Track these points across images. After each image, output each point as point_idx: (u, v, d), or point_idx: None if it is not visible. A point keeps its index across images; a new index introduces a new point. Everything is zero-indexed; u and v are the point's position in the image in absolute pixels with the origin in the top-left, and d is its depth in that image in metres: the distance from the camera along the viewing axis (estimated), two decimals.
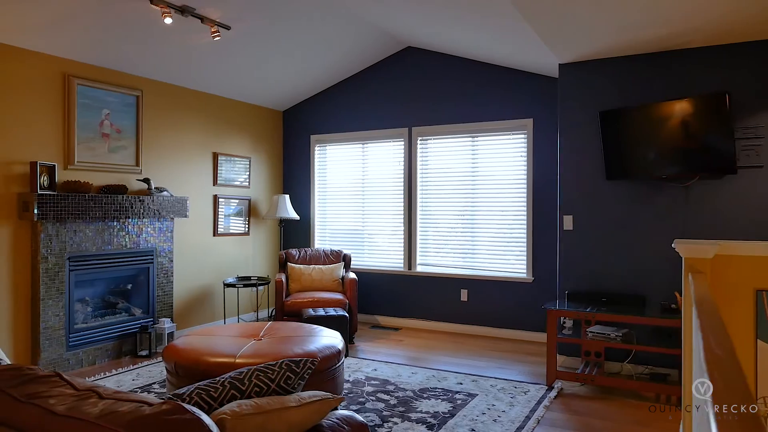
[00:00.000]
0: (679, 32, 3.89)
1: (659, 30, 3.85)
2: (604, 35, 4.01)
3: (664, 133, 4.11)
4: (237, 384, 1.74)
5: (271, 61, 5.56)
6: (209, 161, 5.97)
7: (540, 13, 3.60)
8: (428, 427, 3.34)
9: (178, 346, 3.40)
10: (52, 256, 4.37)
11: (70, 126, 4.58)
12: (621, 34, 3.98)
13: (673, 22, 3.72)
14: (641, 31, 3.90)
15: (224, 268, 6.15)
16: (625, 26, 3.83)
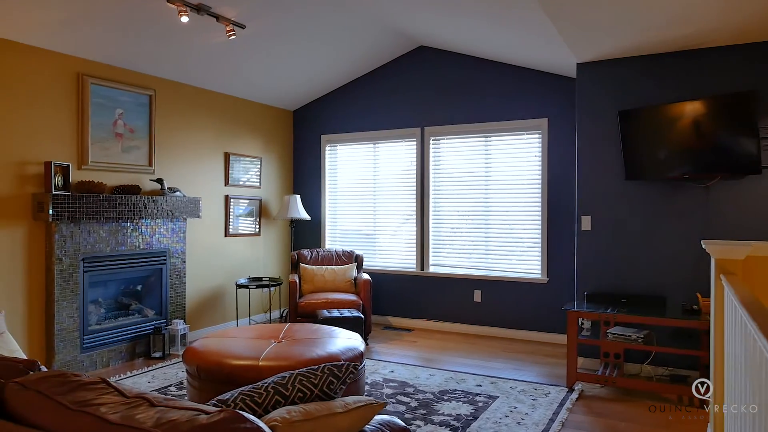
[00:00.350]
0: (698, 32, 3.85)
1: (680, 30, 3.81)
2: (626, 34, 3.97)
3: (686, 133, 4.08)
4: (281, 389, 1.70)
5: (282, 60, 5.52)
6: (221, 161, 5.93)
7: (564, 11, 3.56)
8: (452, 430, 3.31)
9: (199, 348, 3.35)
10: (66, 257, 4.33)
11: (84, 126, 4.54)
12: (642, 33, 3.94)
13: (693, 22, 3.68)
14: (662, 31, 3.87)
15: (235, 269, 6.11)
16: (648, 26, 3.79)
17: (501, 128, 5.73)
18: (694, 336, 4.14)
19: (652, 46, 4.18)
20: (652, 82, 4.37)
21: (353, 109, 6.55)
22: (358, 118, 6.52)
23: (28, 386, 1.38)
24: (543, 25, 4.13)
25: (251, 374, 3.04)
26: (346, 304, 5.32)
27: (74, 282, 4.38)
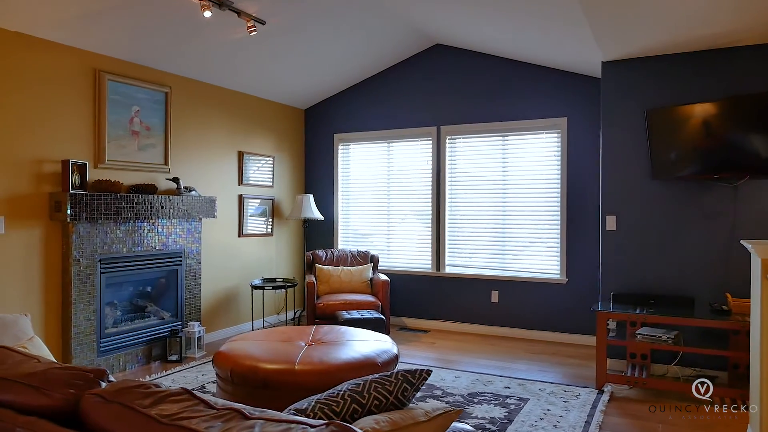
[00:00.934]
0: (728, 31, 3.81)
1: (709, 28, 3.77)
2: (656, 33, 3.92)
3: (716, 132, 4.04)
4: (357, 397, 1.63)
5: (295, 58, 5.43)
6: (234, 160, 5.83)
7: (602, 9, 3.50)
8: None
9: (230, 352, 3.26)
10: (84, 259, 4.22)
11: (101, 123, 4.43)
12: (671, 32, 3.90)
13: (723, 21, 3.64)
14: (692, 30, 3.82)
15: (249, 270, 6.01)
16: (678, 24, 3.74)
17: (519, 127, 5.67)
18: (723, 336, 4.11)
19: (680, 44, 4.14)
20: (678, 80, 4.33)
21: (367, 108, 6.47)
22: (372, 116, 6.44)
23: (109, 399, 1.30)
24: (570, 23, 4.08)
25: (288, 378, 2.96)
26: (365, 306, 5.24)
27: (91, 284, 4.27)
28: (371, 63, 6.10)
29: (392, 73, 6.30)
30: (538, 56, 5.38)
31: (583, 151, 5.37)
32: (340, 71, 6.09)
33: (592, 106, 5.32)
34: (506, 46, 5.41)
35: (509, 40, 5.22)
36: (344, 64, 5.94)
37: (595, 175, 5.31)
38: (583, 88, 5.36)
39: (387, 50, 5.88)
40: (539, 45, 5.07)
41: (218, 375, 3.25)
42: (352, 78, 6.36)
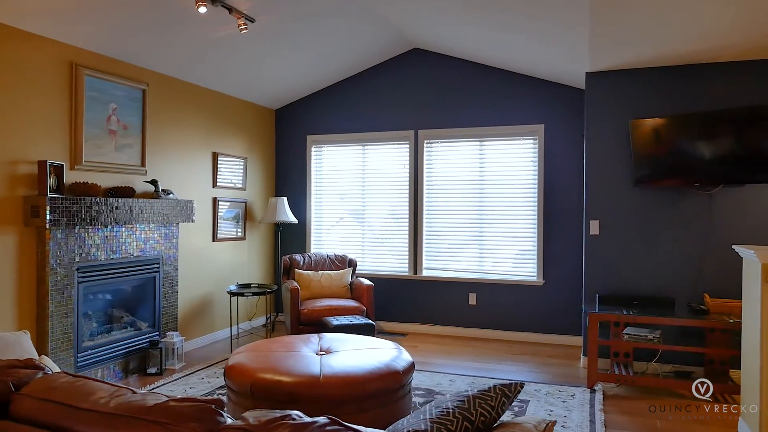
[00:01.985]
0: (713, 47, 4.07)
1: (697, 44, 4.01)
2: (646, 47, 4.12)
3: (694, 143, 4.30)
4: (467, 414, 1.61)
5: (268, 56, 5.23)
6: (209, 161, 5.60)
7: (610, 19, 3.63)
8: None
9: (247, 366, 3.12)
10: (61, 267, 3.91)
11: (78, 121, 4.13)
12: (661, 46, 4.11)
13: (711, 37, 3.89)
14: (681, 45, 4.05)
15: (223, 276, 5.79)
16: (668, 39, 3.95)
17: (497, 133, 5.80)
18: (701, 334, 4.39)
19: (666, 58, 4.37)
20: (660, 93, 4.57)
21: (341, 110, 6.40)
22: (347, 119, 6.37)
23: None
24: (560, 34, 4.22)
25: (314, 391, 2.87)
26: (350, 311, 5.18)
27: (68, 294, 3.97)
28: (347, 64, 6.03)
29: (369, 75, 6.26)
30: (517, 64, 5.52)
31: (560, 158, 5.56)
32: (314, 72, 5.98)
33: (569, 114, 5.52)
34: (485, 52, 5.51)
35: (490, 47, 5.31)
36: (319, 65, 5.84)
37: (572, 180, 5.52)
38: (560, 97, 5.55)
39: (364, 52, 5.83)
40: (522, 53, 5.20)
41: (231, 389, 3.10)
42: (326, 79, 6.27)
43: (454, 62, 5.91)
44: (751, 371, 3.28)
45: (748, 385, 3.37)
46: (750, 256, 3.16)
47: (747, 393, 3.37)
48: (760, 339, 3.08)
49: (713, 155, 4.27)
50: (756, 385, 3.16)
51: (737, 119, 4.17)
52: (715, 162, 4.27)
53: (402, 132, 6.15)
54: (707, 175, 4.31)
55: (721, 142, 4.24)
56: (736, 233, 4.39)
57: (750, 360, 3.31)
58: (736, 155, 4.20)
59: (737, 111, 4.18)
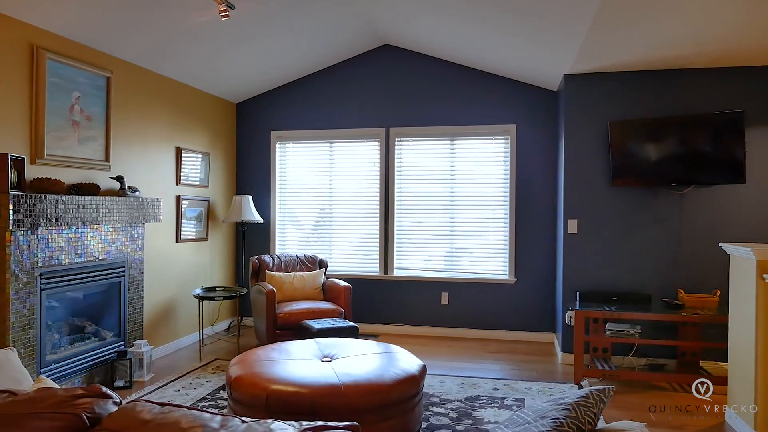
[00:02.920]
0: (692, 54, 4.26)
1: (679, 50, 4.18)
2: (629, 51, 4.24)
3: (674, 145, 4.49)
4: (578, 423, 1.54)
5: (230, 46, 4.90)
6: (172, 157, 5.23)
7: (609, 25, 3.70)
8: None
9: (258, 376, 2.90)
10: (23, 274, 3.49)
11: (39, 110, 3.70)
12: (644, 51, 4.25)
13: (693, 44, 4.06)
14: (663, 50, 4.20)
15: (186, 279, 5.43)
16: (654, 44, 4.09)
17: (469, 132, 5.81)
18: (673, 328, 4.59)
19: (644, 63, 4.53)
20: (637, 96, 4.73)
21: (308, 106, 6.19)
22: (314, 115, 6.17)
23: None
24: (536, 36, 4.29)
25: (337, 401, 2.72)
26: (328, 314, 5.01)
27: (31, 304, 3.55)
28: (314, 58, 5.82)
29: (337, 70, 6.09)
30: (490, 64, 5.54)
31: (532, 158, 5.66)
32: (278, 64, 5.69)
33: (541, 115, 5.62)
34: (458, 51, 5.50)
35: (464, 45, 5.26)
36: (284, 57, 5.55)
37: (543, 180, 5.63)
38: (531, 98, 5.64)
39: (332, 46, 5.62)
40: (497, 53, 5.21)
41: (239, 402, 2.88)
42: (291, 73, 6.03)
43: (426, 60, 5.87)
44: (740, 363, 3.46)
45: (735, 375, 3.55)
46: (744, 254, 3.32)
47: (734, 382, 3.55)
48: (755, 332, 3.24)
49: (685, 157, 4.48)
50: (744, 375, 3.33)
51: (707, 124, 4.39)
52: (687, 164, 4.48)
53: (373, 129, 6.03)
54: (680, 177, 4.51)
55: (692, 145, 4.46)
56: (705, 231, 4.63)
57: (738, 352, 3.49)
58: (706, 158, 4.42)
59: (707, 117, 4.41)
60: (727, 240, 4.53)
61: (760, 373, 3.22)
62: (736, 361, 3.52)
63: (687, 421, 3.65)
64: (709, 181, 4.45)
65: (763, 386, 3.21)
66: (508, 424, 1.76)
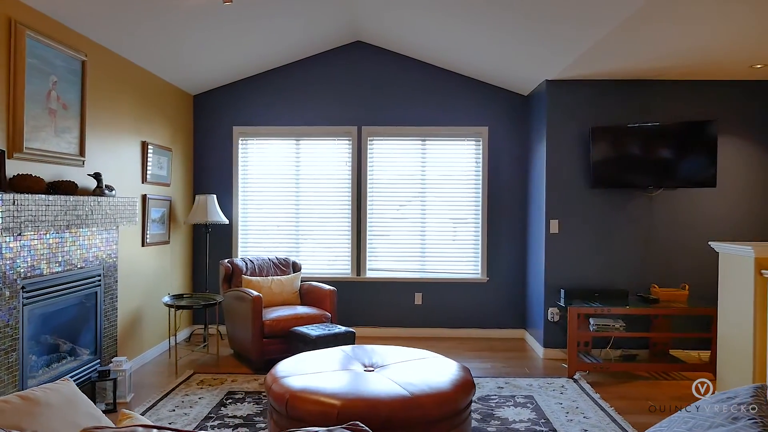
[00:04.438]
0: (666, 66, 4.60)
1: (657, 62, 4.50)
2: (613, 60, 4.48)
3: (651, 150, 4.83)
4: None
5: (192, 31, 4.39)
6: (138, 152, 4.73)
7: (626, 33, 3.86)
8: None
9: (321, 391, 2.70)
10: (6, 287, 2.98)
11: (17, 95, 3.18)
12: (624, 60, 4.51)
13: (671, 57, 4.39)
14: (642, 61, 4.49)
15: (152, 286, 4.95)
16: (634, 55, 4.36)
17: (442, 133, 5.85)
18: (646, 321, 4.95)
19: (624, 72, 4.81)
20: (617, 103, 5.02)
21: (275, 101, 5.89)
22: (281, 111, 5.89)
23: None
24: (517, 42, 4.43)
25: (412, 413, 2.61)
26: (316, 319, 4.80)
27: (14, 321, 3.04)
28: (281, 51, 5.49)
29: (306, 65, 5.86)
30: (463, 66, 5.61)
31: (504, 159, 5.82)
32: (242, 55, 5.31)
33: (512, 118, 5.80)
34: (432, 51, 5.50)
35: (441, 45, 5.23)
36: (249, 48, 5.15)
37: (515, 182, 5.82)
38: (503, 101, 5.80)
39: (302, 39, 5.34)
40: (479, 57, 5.27)
41: (301, 419, 2.66)
42: (256, 65, 5.68)
43: (399, 58, 5.82)
44: (731, 350, 3.80)
45: (724, 361, 3.90)
46: (742, 252, 3.65)
47: (723, 368, 3.91)
48: (752, 322, 3.58)
49: (662, 162, 4.84)
50: (738, 361, 3.67)
51: (683, 132, 4.78)
52: (659, 167, 4.84)
53: (344, 128, 5.88)
54: (657, 180, 4.86)
55: (669, 151, 4.82)
56: (672, 230, 5.04)
57: (730, 341, 3.84)
58: (681, 164, 4.81)
59: (683, 125, 4.79)
60: (696, 238, 4.98)
61: (757, 359, 3.56)
62: (726, 349, 3.87)
63: (673, 406, 3.93)
64: (685, 185, 4.83)
65: (760, 369, 3.55)
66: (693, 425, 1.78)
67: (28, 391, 1.79)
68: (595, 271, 5.09)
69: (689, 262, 5.03)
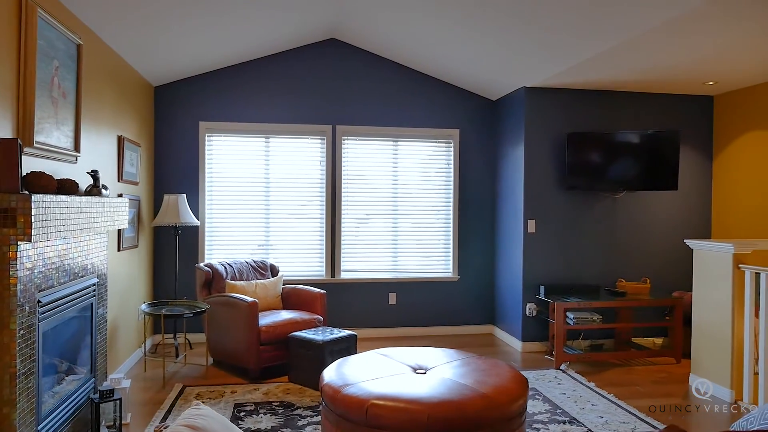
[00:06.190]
0: (635, 79, 5.03)
1: (629, 76, 4.90)
2: (591, 70, 4.81)
3: (621, 156, 5.25)
4: None
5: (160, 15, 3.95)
6: (115, 148, 4.30)
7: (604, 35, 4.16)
8: (569, 423, 3.56)
9: (401, 398, 2.64)
10: (26, 303, 2.60)
11: (28, 82, 2.78)
12: (602, 72, 4.86)
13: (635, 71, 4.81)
14: (617, 73, 4.87)
15: (125, 293, 4.53)
16: (613, 68, 4.73)
17: (415, 134, 5.92)
18: (612, 313, 5.37)
19: (597, 83, 5.18)
20: (590, 111, 5.40)
21: (244, 96, 5.61)
22: (249, 106, 5.62)
23: None
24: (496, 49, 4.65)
25: (495, 413, 2.66)
26: (310, 323, 4.67)
27: (31, 342, 2.66)
28: (252, 44, 5.19)
29: (278, 61, 5.65)
30: (437, 69, 5.71)
31: (475, 162, 6.01)
32: (211, 46, 4.95)
33: (482, 121, 6.01)
34: (408, 53, 5.55)
35: (419, 48, 5.25)
36: (217, 39, 4.81)
37: (485, 183, 6.04)
38: (473, 105, 6.00)
39: (274, 32, 5.10)
40: (453, 61, 5.37)
41: (387, 428, 2.59)
42: (225, 58, 5.37)
43: (374, 59, 5.80)
44: (708, 337, 4.25)
45: (700, 347, 4.34)
46: (721, 248, 4.09)
47: (698, 354, 4.35)
48: (731, 311, 4.03)
49: (630, 167, 5.27)
50: (715, 346, 4.12)
51: (650, 140, 5.25)
52: (632, 173, 5.28)
53: (318, 126, 5.74)
54: (625, 183, 5.30)
55: (637, 157, 5.26)
56: (632, 229, 5.52)
57: (706, 328, 4.28)
58: (648, 168, 5.27)
59: (650, 134, 5.26)
60: (653, 236, 5.50)
61: (735, 343, 4.02)
62: (702, 336, 4.32)
63: (660, 389, 4.34)
64: (652, 188, 5.30)
65: (737, 352, 4.02)
66: None
67: (189, 420, 1.63)
68: (568, 268, 5.43)
69: (650, 258, 5.54)
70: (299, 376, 4.29)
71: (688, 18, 3.48)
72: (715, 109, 5.61)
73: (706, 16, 3.44)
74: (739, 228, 5.34)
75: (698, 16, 3.46)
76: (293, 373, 4.34)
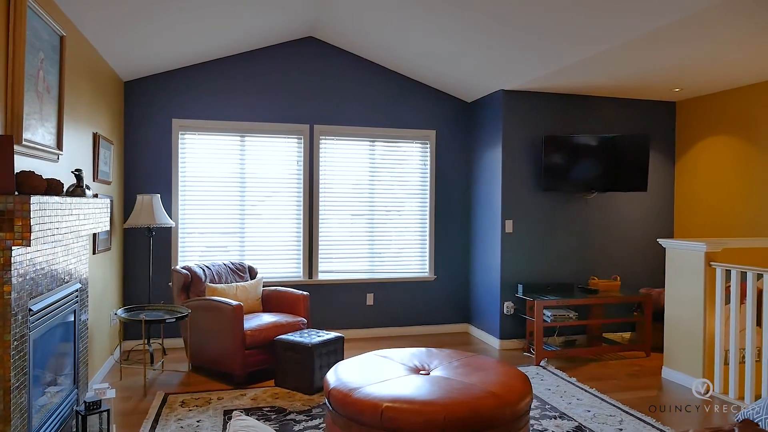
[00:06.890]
0: (608, 85, 5.22)
1: (606, 80, 5.08)
2: (570, 75, 4.96)
3: (594, 158, 5.42)
4: None
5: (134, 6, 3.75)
6: (90, 145, 4.09)
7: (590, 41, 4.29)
8: (560, 418, 3.65)
9: (416, 400, 2.63)
10: (19, 311, 2.44)
11: (17, 75, 2.60)
12: (579, 77, 5.02)
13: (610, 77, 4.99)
14: (593, 78, 5.03)
15: (99, 298, 4.31)
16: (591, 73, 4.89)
17: (392, 135, 5.92)
18: (585, 309, 5.55)
19: (572, 87, 5.34)
20: (565, 114, 5.55)
21: (218, 93, 5.45)
22: (225, 104, 5.47)
23: None
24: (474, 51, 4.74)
25: (506, 411, 2.69)
26: (295, 326, 4.59)
27: (23, 353, 2.50)
28: (228, 39, 5.05)
29: (254, 57, 5.52)
30: (415, 69, 5.73)
31: (451, 162, 6.07)
32: (184, 40, 4.78)
33: (458, 123, 6.08)
34: (386, 53, 5.54)
35: (400, 48, 5.29)
36: (191, 33, 4.63)
37: (460, 184, 6.11)
38: (449, 107, 6.06)
39: (250, 30, 4.98)
40: (430, 63, 5.40)
41: (401, 430, 2.58)
42: (199, 53, 5.20)
43: (351, 58, 5.77)
44: (680, 330, 4.46)
45: (672, 339, 4.55)
46: (692, 247, 4.30)
47: (671, 346, 4.56)
48: (703, 305, 4.25)
49: (603, 169, 5.45)
50: (687, 339, 4.33)
51: (621, 143, 5.44)
52: (605, 174, 5.46)
53: (295, 126, 5.65)
54: (598, 185, 5.47)
55: (609, 159, 5.45)
56: (602, 228, 5.72)
57: (678, 322, 4.49)
58: (620, 170, 5.46)
59: (622, 137, 5.46)
60: (622, 235, 5.71)
61: (707, 335, 4.23)
62: (674, 330, 4.52)
63: (633, 382, 4.53)
64: (622, 189, 5.50)
65: (708, 343, 4.23)
66: None
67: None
68: (543, 267, 5.57)
69: (619, 257, 5.75)
70: (287, 380, 4.20)
71: (665, 29, 3.64)
72: (678, 114, 5.90)
73: (682, 27, 3.60)
74: (699, 227, 5.63)
75: (674, 28, 3.62)
76: (280, 377, 4.25)
